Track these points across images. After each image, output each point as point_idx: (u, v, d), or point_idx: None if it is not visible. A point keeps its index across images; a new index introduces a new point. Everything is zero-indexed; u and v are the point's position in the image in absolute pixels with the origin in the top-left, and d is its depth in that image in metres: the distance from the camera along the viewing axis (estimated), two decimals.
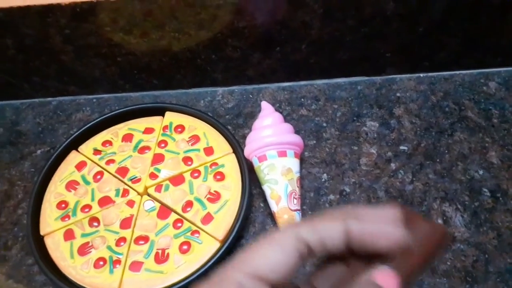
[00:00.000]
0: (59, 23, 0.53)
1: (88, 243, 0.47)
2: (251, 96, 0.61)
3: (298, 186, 0.49)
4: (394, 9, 0.52)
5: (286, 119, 0.54)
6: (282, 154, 0.49)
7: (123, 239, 0.47)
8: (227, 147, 0.53)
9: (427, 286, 0.44)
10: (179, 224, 0.48)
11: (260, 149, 0.49)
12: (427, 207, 0.49)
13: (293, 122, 0.57)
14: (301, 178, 0.52)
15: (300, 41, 0.56)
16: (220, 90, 0.62)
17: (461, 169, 0.52)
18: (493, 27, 0.56)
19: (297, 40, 0.56)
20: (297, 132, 0.55)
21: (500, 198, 0.49)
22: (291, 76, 0.61)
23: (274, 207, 0.48)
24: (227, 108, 0.60)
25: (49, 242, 0.48)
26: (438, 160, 0.53)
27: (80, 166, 0.53)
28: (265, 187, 0.49)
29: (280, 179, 0.48)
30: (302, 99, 0.60)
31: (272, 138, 0.49)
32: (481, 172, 0.52)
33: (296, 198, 0.48)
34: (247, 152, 0.51)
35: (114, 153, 0.54)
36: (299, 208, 0.48)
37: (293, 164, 0.49)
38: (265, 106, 0.53)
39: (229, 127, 0.57)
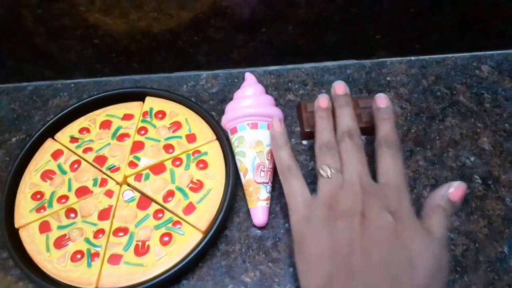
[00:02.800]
0: (31, 1, 0.50)
1: (65, 235, 0.45)
2: (236, 80, 0.59)
3: (268, 159, 0.47)
4: None
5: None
6: (254, 126, 0.48)
7: (101, 231, 0.45)
8: (210, 134, 0.51)
9: None
10: (160, 215, 0.46)
11: (233, 120, 0.49)
12: (416, 195, 0.48)
13: (280, 108, 0.55)
14: None
15: (286, 22, 0.54)
16: (204, 74, 0.60)
17: (452, 156, 0.51)
18: (487, 9, 0.54)
19: (283, 21, 0.53)
20: (284, 117, 0.53)
21: (492, 186, 0.48)
22: (278, 60, 0.59)
23: (242, 179, 0.47)
24: (211, 93, 0.58)
25: (24, 235, 0.46)
26: (428, 146, 0.51)
27: (57, 154, 0.51)
28: (236, 160, 0.48)
29: (248, 152, 0.47)
30: (289, 84, 0.58)
31: (247, 109, 0.48)
32: (472, 158, 0.50)
33: (264, 171, 0.47)
34: (223, 122, 0.50)
35: (92, 140, 0.51)
36: (267, 181, 0.47)
37: (265, 136, 0.48)
38: (248, 76, 0.53)
39: (213, 113, 0.55)
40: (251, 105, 0.49)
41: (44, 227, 0.46)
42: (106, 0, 0.51)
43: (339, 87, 0.47)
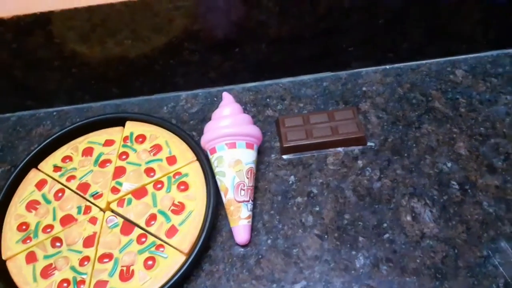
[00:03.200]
0: (5, 37, 0.51)
1: (51, 265, 0.46)
2: (215, 99, 0.60)
3: (248, 177, 0.48)
4: (351, 2, 0.51)
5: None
6: (232, 146, 0.49)
7: (86, 258, 0.46)
8: (190, 155, 0.52)
9: (397, 286, 0.44)
10: (143, 239, 0.47)
11: (211, 141, 0.50)
12: (395, 204, 0.49)
13: (259, 124, 0.56)
14: (269, 181, 0.51)
15: (259, 41, 0.55)
16: (183, 94, 0.61)
17: (429, 163, 0.51)
18: (454, 14, 0.55)
19: (256, 40, 0.54)
20: (263, 134, 0.54)
21: (469, 190, 0.49)
22: (255, 76, 0.60)
23: (223, 199, 0.48)
24: (191, 113, 0.59)
25: (11, 266, 0.47)
26: (405, 154, 0.52)
27: (41, 184, 0.52)
28: (217, 179, 0.49)
29: (228, 171, 0.48)
30: (268, 99, 0.59)
31: (224, 129, 0.49)
32: (449, 164, 0.51)
33: (244, 190, 0.48)
34: (202, 142, 0.51)
35: (75, 168, 0.52)
36: (247, 199, 0.48)
37: (244, 155, 0.49)
38: (225, 96, 0.53)
39: (193, 133, 0.56)
40: (229, 125, 0.50)
41: (31, 258, 0.47)
42: (81, 30, 0.52)
43: None
